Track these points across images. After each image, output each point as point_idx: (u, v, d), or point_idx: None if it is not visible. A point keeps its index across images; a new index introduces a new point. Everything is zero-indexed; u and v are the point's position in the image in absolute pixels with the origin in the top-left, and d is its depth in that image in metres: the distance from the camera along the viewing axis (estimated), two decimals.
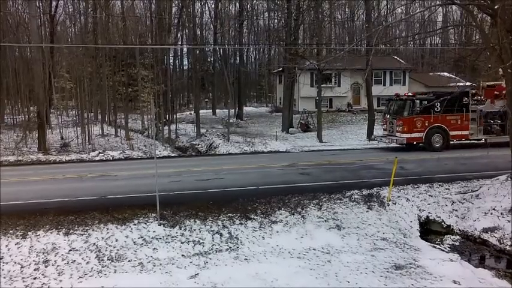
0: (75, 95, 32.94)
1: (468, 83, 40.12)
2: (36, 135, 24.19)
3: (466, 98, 18.89)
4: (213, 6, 43.21)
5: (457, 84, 39.10)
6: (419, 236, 10.43)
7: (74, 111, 36.50)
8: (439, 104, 18.10)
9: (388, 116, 19.97)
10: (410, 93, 20.04)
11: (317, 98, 24.03)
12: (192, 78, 40.46)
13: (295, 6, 24.55)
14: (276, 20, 56.08)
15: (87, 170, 16.36)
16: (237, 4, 40.75)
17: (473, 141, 19.76)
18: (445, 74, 42.86)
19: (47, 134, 22.43)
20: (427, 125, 18.58)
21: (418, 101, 18.67)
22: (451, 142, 19.12)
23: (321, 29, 24.42)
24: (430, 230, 10.94)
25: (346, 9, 54.16)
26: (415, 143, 18.89)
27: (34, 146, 22.69)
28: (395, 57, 38.31)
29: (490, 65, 24.62)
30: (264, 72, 55.78)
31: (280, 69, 42.11)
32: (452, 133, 18.89)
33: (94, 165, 17.51)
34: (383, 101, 36.79)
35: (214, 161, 17.59)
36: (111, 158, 20.32)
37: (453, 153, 18.14)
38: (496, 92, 19.62)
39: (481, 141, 19.60)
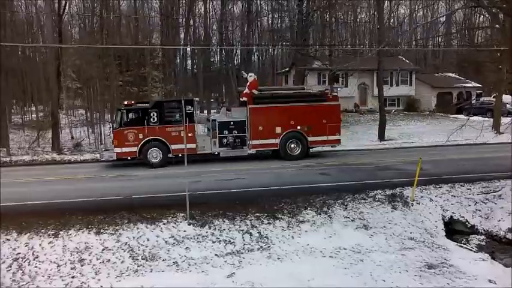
0: (83, 94, 33.07)
1: (474, 84, 40.58)
2: (47, 135, 24.32)
3: (189, 107, 16.71)
4: (219, 7, 43.53)
5: (463, 85, 39.43)
6: (445, 235, 10.55)
7: (81, 111, 36.62)
8: (155, 114, 16.39)
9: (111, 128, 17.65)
10: (126, 102, 17.19)
11: None
12: (199, 78, 40.56)
13: (306, 6, 24.64)
14: (279, 20, 56.74)
15: (105, 170, 16.44)
16: (245, 4, 40.79)
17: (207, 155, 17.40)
18: (450, 74, 43.06)
19: (60, 134, 22.48)
20: (141, 138, 16.25)
21: (125, 111, 16.36)
22: (175, 156, 16.71)
23: (333, 31, 24.52)
24: (454, 230, 11.03)
25: (350, 11, 54.31)
26: (129, 158, 16.59)
27: (46, 145, 22.78)
28: (402, 58, 38.45)
29: (500, 66, 24.92)
30: (268, 72, 55.72)
31: (287, 69, 42.30)
32: (174, 147, 16.38)
33: (110, 165, 17.51)
34: (390, 101, 37.04)
35: (229, 161, 17.62)
36: (128, 158, 20.16)
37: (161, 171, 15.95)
38: (242, 99, 17.77)
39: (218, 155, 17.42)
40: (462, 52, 38.17)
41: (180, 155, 16.64)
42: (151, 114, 16.39)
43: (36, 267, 8.56)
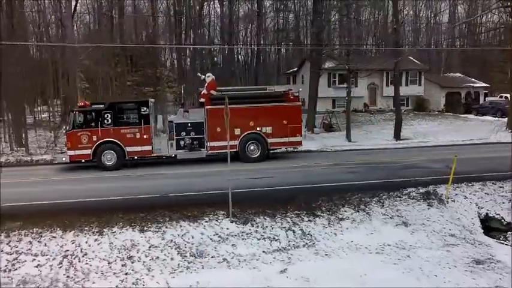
0: (91, 94, 33.03)
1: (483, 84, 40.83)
2: (60, 134, 24.30)
3: (145, 108, 16.34)
4: (225, 8, 43.72)
5: (472, 85, 39.68)
6: (483, 232, 10.67)
7: None
8: (110, 115, 16.07)
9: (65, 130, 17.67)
10: (80, 103, 17.06)
11: (346, 98, 24.15)
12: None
13: (322, 6, 24.79)
14: (283, 21, 57.00)
15: (129, 169, 16.40)
16: (255, 5, 40.87)
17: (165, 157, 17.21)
18: (458, 74, 43.31)
19: None
20: (95, 140, 15.95)
21: (78, 113, 16.18)
22: (131, 159, 16.61)
23: (351, 30, 24.69)
24: (490, 227, 11.16)
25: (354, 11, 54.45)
26: (83, 161, 16.26)
27: (63, 144, 22.74)
28: (411, 57, 38.60)
29: None
30: (274, 73, 55.89)
31: (295, 69, 42.42)
32: (129, 149, 16.19)
33: (136, 164, 17.48)
34: None
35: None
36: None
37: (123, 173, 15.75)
38: (200, 100, 17.39)
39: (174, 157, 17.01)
40: (473, 52, 38.37)
41: (135, 157, 16.66)
42: (105, 116, 16.09)
43: (87, 264, 8.61)
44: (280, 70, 56.17)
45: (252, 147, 16.90)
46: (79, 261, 8.68)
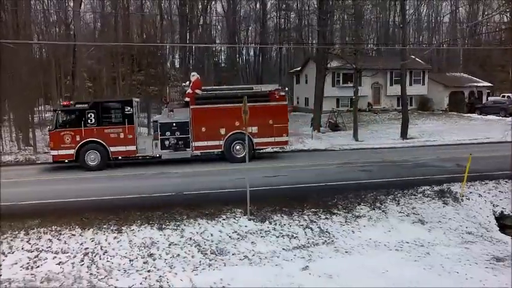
0: (94, 93, 33.07)
1: (486, 83, 40.94)
2: None
3: (129, 108, 16.22)
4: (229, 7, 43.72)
5: (475, 84, 39.78)
6: (499, 230, 10.73)
7: None
8: (93, 115, 15.97)
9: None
10: (64, 103, 17.15)
11: (354, 97, 24.31)
12: (210, 77, 40.65)
13: (328, 6, 24.85)
14: (285, 20, 57.13)
15: (143, 168, 16.42)
16: (258, 5, 40.93)
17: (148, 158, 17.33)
18: (461, 74, 43.42)
19: None
20: (78, 140, 15.88)
21: (61, 112, 16.16)
22: (115, 159, 16.51)
23: (357, 30, 24.77)
24: (505, 225, 11.19)
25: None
26: (66, 161, 16.22)
27: None
28: (414, 57, 38.65)
29: None
30: (277, 72, 55.97)
31: (298, 68, 42.49)
32: (113, 149, 16.12)
33: (142, 163, 17.53)
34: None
35: (263, 158, 17.69)
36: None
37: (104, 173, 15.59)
38: (185, 99, 17.38)
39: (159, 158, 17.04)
40: (475, 51, 38.45)
41: (119, 157, 16.50)
42: (89, 116, 15.96)
43: (108, 261, 8.63)
44: (282, 70, 56.35)
45: (237, 147, 16.69)
46: (100, 259, 8.70)
